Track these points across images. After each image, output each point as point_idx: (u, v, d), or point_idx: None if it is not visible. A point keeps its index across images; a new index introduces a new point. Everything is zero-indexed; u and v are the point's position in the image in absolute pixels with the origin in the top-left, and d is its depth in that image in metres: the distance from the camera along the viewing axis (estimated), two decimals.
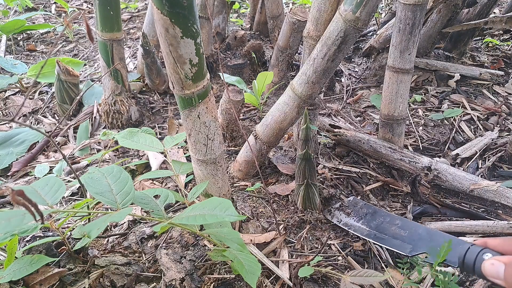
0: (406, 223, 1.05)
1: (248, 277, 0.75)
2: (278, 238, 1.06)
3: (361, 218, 1.12)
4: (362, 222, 1.11)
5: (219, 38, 2.11)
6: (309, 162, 1.08)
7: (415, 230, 1.00)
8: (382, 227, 1.07)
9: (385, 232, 1.04)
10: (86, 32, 0.69)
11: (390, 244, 1.00)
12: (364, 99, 1.94)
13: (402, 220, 1.07)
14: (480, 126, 1.71)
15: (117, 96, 1.62)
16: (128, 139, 1.06)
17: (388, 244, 1.00)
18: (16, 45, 2.52)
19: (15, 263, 0.81)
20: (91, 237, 0.75)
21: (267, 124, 1.20)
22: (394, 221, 1.06)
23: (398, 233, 1.02)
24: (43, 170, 1.41)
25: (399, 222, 1.06)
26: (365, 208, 1.15)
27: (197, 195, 0.94)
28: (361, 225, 1.10)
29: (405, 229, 1.02)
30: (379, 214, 1.12)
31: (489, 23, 1.87)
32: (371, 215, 1.12)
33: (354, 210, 1.15)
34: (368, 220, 1.11)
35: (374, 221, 1.10)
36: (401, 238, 1.00)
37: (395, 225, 1.05)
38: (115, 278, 0.91)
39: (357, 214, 1.14)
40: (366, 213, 1.13)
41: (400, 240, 0.99)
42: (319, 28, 1.10)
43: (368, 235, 1.06)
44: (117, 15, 1.48)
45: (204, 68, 0.81)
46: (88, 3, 3.15)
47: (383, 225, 1.07)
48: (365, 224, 1.10)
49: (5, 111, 1.87)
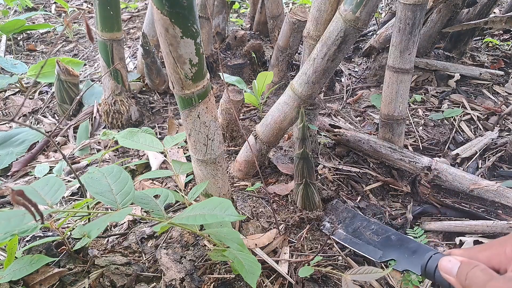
0: (381, 228, 1.05)
1: (248, 277, 0.75)
2: (278, 237, 1.06)
3: (340, 222, 1.13)
4: (341, 226, 1.12)
5: (219, 38, 2.11)
6: (307, 161, 1.08)
7: (387, 236, 1.01)
8: (358, 232, 1.07)
9: (360, 237, 1.05)
10: (86, 32, 0.69)
11: (363, 249, 1.01)
12: (364, 99, 1.94)
13: (377, 225, 1.07)
14: (480, 126, 1.71)
15: (117, 96, 1.62)
16: (128, 139, 1.06)
17: (361, 249, 1.01)
18: (16, 45, 2.52)
19: (15, 263, 0.81)
20: (91, 237, 0.75)
21: (267, 124, 1.20)
22: (370, 226, 1.07)
23: (371, 238, 1.03)
24: (43, 170, 1.41)
25: (374, 227, 1.06)
26: (345, 212, 1.15)
27: (197, 195, 0.93)
28: (339, 229, 1.11)
29: (378, 234, 1.03)
30: (357, 218, 1.12)
31: (489, 23, 1.87)
32: (350, 219, 1.13)
33: (335, 214, 1.16)
34: (347, 225, 1.11)
35: (352, 225, 1.10)
36: (374, 244, 1.01)
37: (370, 230, 1.05)
38: (115, 278, 0.91)
39: (337, 218, 1.14)
40: (346, 217, 1.14)
41: (372, 246, 1.00)
42: (319, 28, 1.10)
43: (345, 240, 1.06)
44: (117, 15, 1.48)
45: (204, 68, 0.81)
46: (88, 3, 3.15)
47: (360, 229, 1.08)
48: (343, 228, 1.10)
49: (5, 111, 1.87)
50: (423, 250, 0.87)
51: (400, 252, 0.92)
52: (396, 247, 0.96)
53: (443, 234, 1.17)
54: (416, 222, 1.21)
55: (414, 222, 1.21)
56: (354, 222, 1.11)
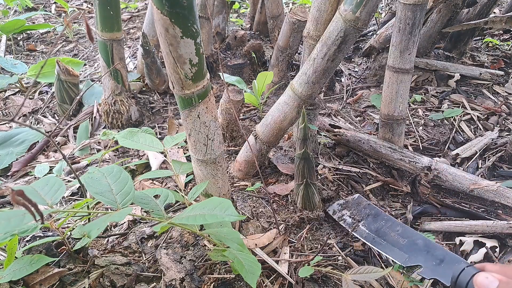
0: (407, 230, 1.03)
1: (248, 277, 0.75)
2: (278, 237, 1.06)
3: (362, 218, 1.11)
4: (363, 223, 1.09)
5: (219, 38, 2.11)
6: (308, 161, 1.08)
7: (414, 240, 0.99)
8: (382, 231, 1.05)
9: (384, 237, 1.03)
10: (86, 32, 0.69)
11: (388, 250, 0.99)
12: (364, 99, 1.94)
13: (403, 227, 1.05)
14: (480, 126, 1.71)
15: (117, 96, 1.62)
16: (128, 139, 1.06)
17: (386, 250, 1.00)
18: (16, 45, 2.52)
19: (15, 263, 0.81)
20: (91, 237, 0.75)
21: (267, 124, 1.20)
22: (395, 227, 1.05)
23: (397, 240, 1.01)
24: (43, 170, 1.41)
25: (400, 228, 1.04)
26: (368, 209, 1.13)
27: (197, 195, 0.94)
28: (361, 226, 1.08)
29: (404, 237, 1.01)
30: (381, 217, 1.10)
31: (489, 23, 1.87)
32: (373, 217, 1.10)
33: (357, 209, 1.14)
34: (369, 222, 1.09)
35: (375, 223, 1.08)
36: (399, 246, 0.99)
37: (396, 232, 1.03)
38: (115, 278, 0.91)
39: (359, 214, 1.12)
40: (368, 214, 1.11)
41: (398, 248, 0.98)
42: (319, 28, 1.10)
43: (367, 238, 1.05)
44: (117, 15, 1.48)
45: (204, 68, 0.81)
46: (88, 3, 3.15)
47: (384, 229, 1.05)
48: (366, 225, 1.08)
49: (5, 111, 1.87)
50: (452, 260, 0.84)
51: (427, 258, 0.90)
52: (422, 252, 0.94)
53: (443, 234, 1.17)
54: (416, 222, 1.21)
55: (414, 222, 1.21)
56: (377, 220, 1.08)
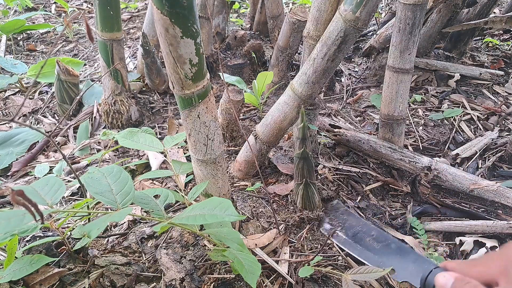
0: (381, 235, 1.04)
1: (248, 277, 0.75)
2: (278, 237, 1.06)
3: (340, 224, 1.11)
4: (341, 229, 1.10)
5: (219, 38, 2.11)
6: (307, 161, 1.08)
7: (387, 244, 1.00)
8: (358, 236, 1.06)
9: (360, 242, 1.04)
10: (86, 32, 0.69)
11: (362, 255, 1.00)
12: (364, 99, 1.94)
13: (378, 231, 1.06)
14: (480, 126, 1.71)
15: (117, 96, 1.62)
16: (128, 139, 1.06)
17: (360, 255, 1.00)
18: (16, 45, 2.52)
19: (15, 263, 0.81)
20: (91, 237, 0.75)
21: (267, 124, 1.20)
22: (370, 232, 1.06)
23: (371, 245, 1.02)
24: (43, 170, 1.41)
25: (375, 233, 1.05)
26: (345, 215, 1.14)
27: (197, 195, 0.94)
28: (339, 231, 1.09)
29: (378, 241, 1.02)
30: (358, 222, 1.11)
31: (489, 23, 1.87)
32: (350, 223, 1.11)
33: (335, 215, 1.15)
34: (347, 228, 1.10)
35: (352, 229, 1.09)
36: (373, 251, 1.00)
37: (370, 236, 1.04)
38: (115, 278, 0.91)
39: (338, 220, 1.13)
40: (346, 219, 1.12)
41: (372, 253, 0.99)
42: (319, 28, 1.10)
43: (344, 243, 1.05)
44: (117, 15, 1.48)
45: (204, 68, 0.81)
46: (88, 3, 3.15)
47: (360, 234, 1.06)
48: (343, 231, 1.09)
49: (5, 111, 1.87)
50: (422, 262, 0.87)
51: (400, 261, 0.92)
52: (395, 256, 0.95)
53: (443, 234, 1.17)
54: None
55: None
56: (355, 225, 1.09)
